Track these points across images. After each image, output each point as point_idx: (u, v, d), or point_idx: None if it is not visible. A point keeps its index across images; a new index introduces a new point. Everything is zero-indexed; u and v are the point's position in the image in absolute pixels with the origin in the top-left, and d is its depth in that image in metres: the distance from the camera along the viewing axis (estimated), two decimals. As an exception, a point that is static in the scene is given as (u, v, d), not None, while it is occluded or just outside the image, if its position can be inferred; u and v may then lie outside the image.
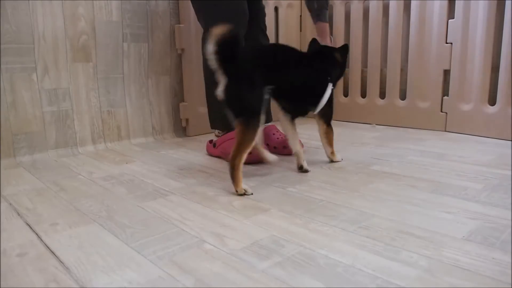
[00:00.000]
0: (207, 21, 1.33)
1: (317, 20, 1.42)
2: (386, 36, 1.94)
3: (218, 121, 1.40)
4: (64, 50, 1.48)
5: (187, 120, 1.81)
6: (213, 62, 0.98)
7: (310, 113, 1.25)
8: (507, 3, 1.52)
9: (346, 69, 1.59)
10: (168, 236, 0.77)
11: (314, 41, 1.31)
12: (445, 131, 1.78)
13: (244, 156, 1.01)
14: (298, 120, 1.24)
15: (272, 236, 0.76)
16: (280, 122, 1.24)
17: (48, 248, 0.74)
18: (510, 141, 1.52)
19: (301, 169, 1.20)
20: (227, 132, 1.37)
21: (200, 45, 1.40)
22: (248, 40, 1.35)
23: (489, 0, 1.56)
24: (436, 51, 1.75)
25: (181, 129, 1.84)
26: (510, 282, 0.59)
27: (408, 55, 1.86)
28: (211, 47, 0.96)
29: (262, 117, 1.03)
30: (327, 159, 1.32)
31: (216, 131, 1.42)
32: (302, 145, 1.44)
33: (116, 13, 1.59)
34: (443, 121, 1.78)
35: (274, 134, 1.47)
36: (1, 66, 1.35)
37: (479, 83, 1.64)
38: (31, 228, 0.83)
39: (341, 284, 0.59)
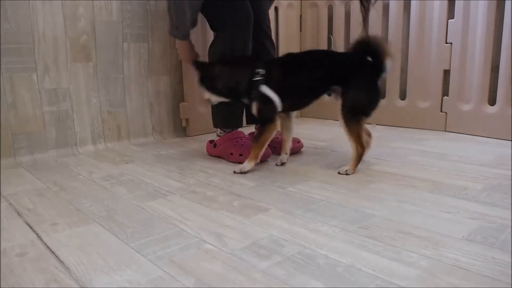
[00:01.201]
0: (220, 24, 1.35)
1: None
2: (386, 36, 1.94)
3: (222, 120, 1.41)
4: (64, 50, 1.48)
5: (187, 120, 1.81)
6: None
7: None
8: (507, 3, 1.52)
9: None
10: (168, 236, 0.77)
11: None
12: (445, 131, 1.78)
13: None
14: (298, 120, 1.24)
15: (272, 236, 0.76)
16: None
17: (48, 248, 0.74)
18: (510, 141, 1.52)
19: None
20: (228, 132, 1.37)
21: (208, 47, 1.40)
22: (253, 43, 1.35)
23: (489, 0, 1.56)
24: (436, 51, 1.75)
25: (181, 129, 1.84)
26: (510, 282, 0.59)
27: (408, 55, 1.86)
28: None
29: None
30: (326, 159, 1.32)
31: (218, 131, 1.42)
32: (302, 145, 1.45)
33: (116, 13, 1.58)
34: (443, 121, 1.78)
35: (274, 134, 1.47)
36: (1, 66, 1.35)
37: (479, 83, 1.64)
38: (31, 228, 0.83)
39: (341, 284, 0.59)
